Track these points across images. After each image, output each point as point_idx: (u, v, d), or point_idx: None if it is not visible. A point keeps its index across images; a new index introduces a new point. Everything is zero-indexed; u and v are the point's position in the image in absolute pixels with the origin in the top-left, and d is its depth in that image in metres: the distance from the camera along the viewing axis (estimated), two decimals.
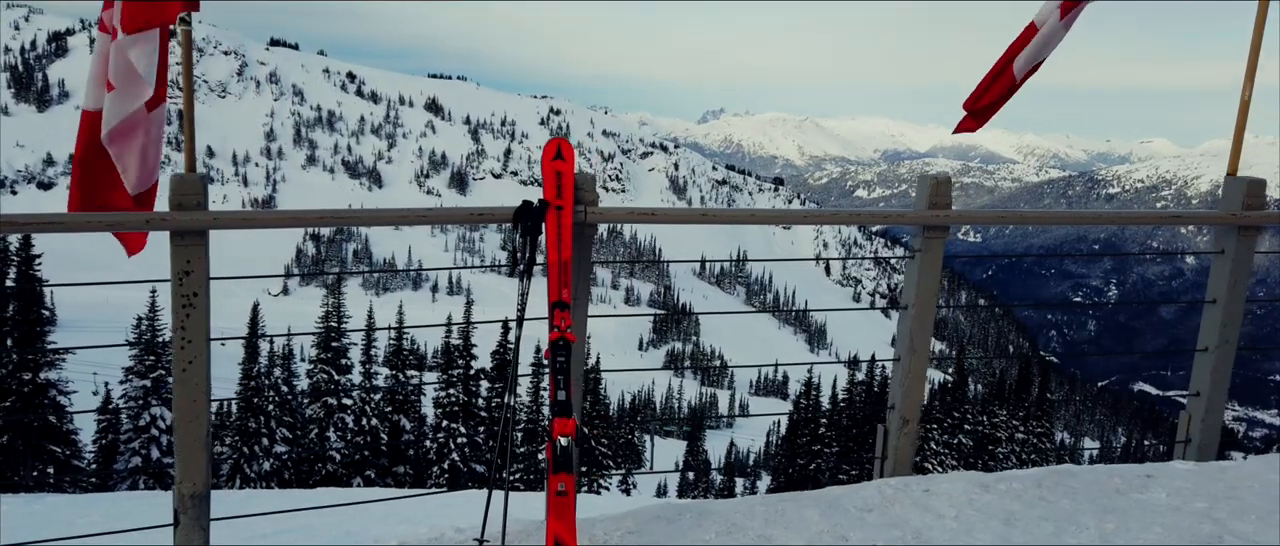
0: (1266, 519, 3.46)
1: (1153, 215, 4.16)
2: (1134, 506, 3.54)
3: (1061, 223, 4.23)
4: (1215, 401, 4.20)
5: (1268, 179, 20.59)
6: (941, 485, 3.72)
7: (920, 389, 3.96)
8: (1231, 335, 4.15)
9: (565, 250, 3.23)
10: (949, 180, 3.79)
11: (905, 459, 4.00)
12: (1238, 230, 4.04)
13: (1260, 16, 4.10)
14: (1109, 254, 70.46)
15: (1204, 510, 3.51)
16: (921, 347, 3.92)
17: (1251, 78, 4.11)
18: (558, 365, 3.02)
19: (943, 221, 3.73)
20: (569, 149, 3.38)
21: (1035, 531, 3.33)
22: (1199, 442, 4.20)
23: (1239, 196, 4.00)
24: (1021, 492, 3.64)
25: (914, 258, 3.84)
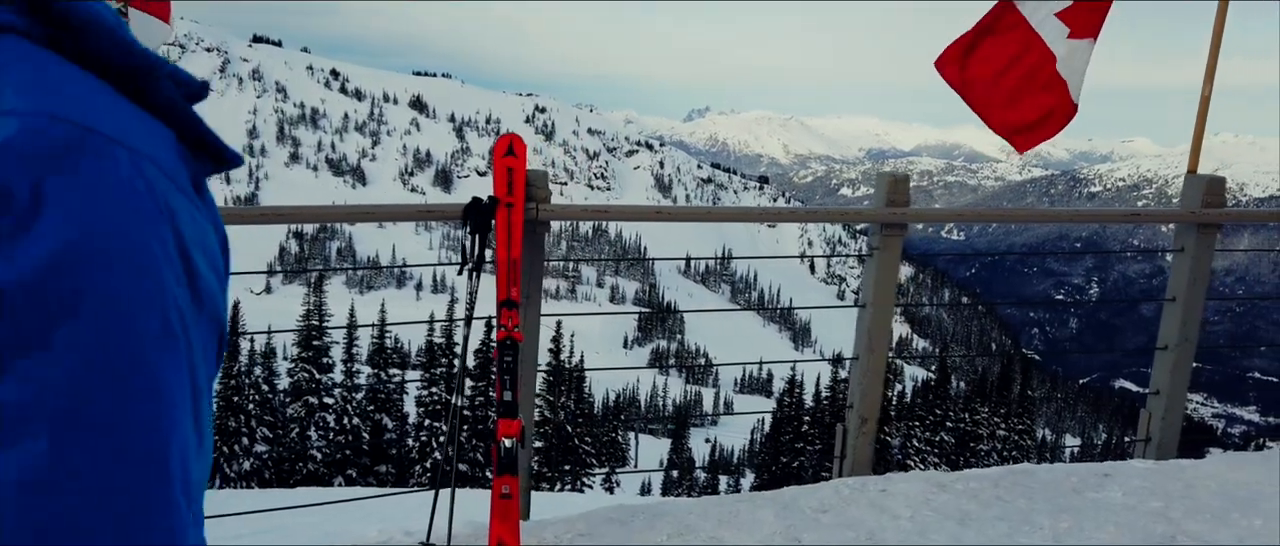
0: (1220, 518, 3.45)
1: (1112, 213, 4.15)
2: (1089, 505, 3.53)
3: (1020, 220, 4.22)
4: (1175, 399, 4.19)
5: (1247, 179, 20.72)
6: (898, 485, 3.70)
7: (878, 387, 3.94)
8: (1191, 332, 4.14)
9: (515, 248, 3.18)
10: (907, 178, 3.76)
11: (864, 458, 3.98)
12: (1197, 227, 4.04)
13: (1219, 17, 4.10)
14: (1090, 252, 71.17)
15: (1159, 509, 3.50)
16: (879, 346, 3.89)
17: (1211, 76, 4.11)
18: (505, 365, 2.97)
19: (900, 219, 3.71)
20: (521, 145, 3.34)
21: (989, 531, 3.31)
22: (1159, 441, 4.19)
23: (1199, 194, 4.00)
24: (978, 492, 3.62)
25: (872, 256, 3.81)
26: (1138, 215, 4.21)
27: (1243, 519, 3.43)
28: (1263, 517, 3.45)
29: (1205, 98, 4.07)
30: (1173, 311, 4.12)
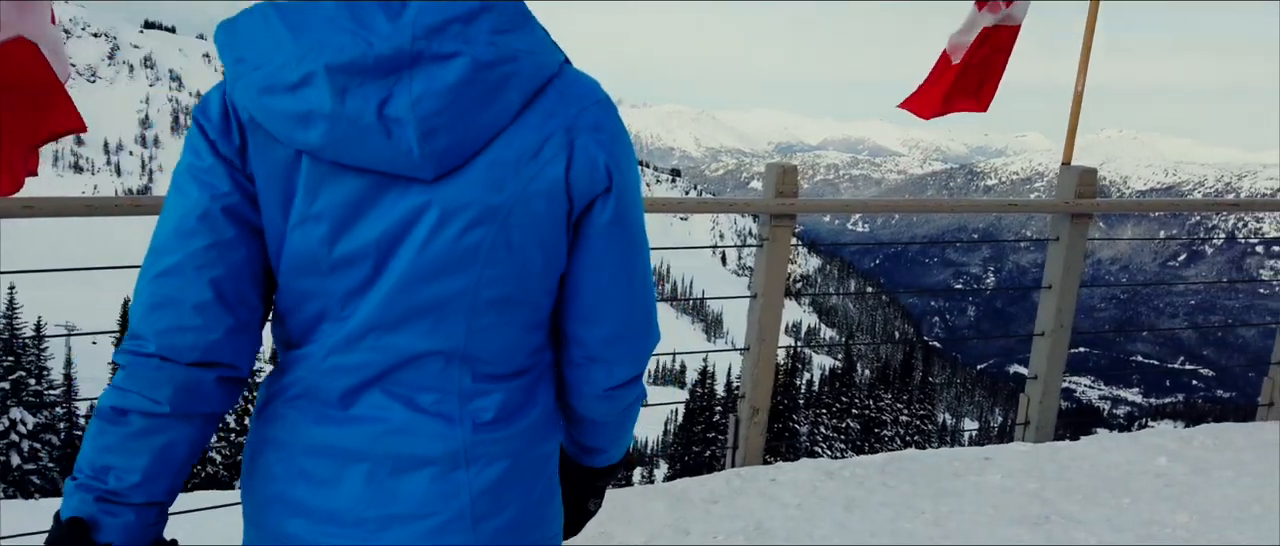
0: (1092, 498, 3.58)
1: (989, 203, 4.27)
2: (970, 488, 3.62)
3: (903, 210, 4.31)
4: (1052, 384, 4.34)
5: (1131, 173, 21.78)
6: (788, 473, 3.72)
7: (769, 378, 3.96)
8: (1067, 319, 4.29)
9: None
10: (795, 169, 3.78)
11: (756, 448, 4.00)
12: (1070, 217, 4.18)
13: (1090, 19, 4.25)
14: (987, 242, 74.77)
15: (1035, 490, 3.61)
16: (770, 336, 3.91)
17: (1083, 73, 4.26)
18: None
19: (789, 209, 3.73)
20: None
21: (874, 517, 3.36)
22: (1037, 424, 4.33)
23: (1072, 185, 4.14)
24: (864, 478, 3.67)
25: (762, 246, 3.83)
26: (1014, 205, 4.34)
27: (1112, 498, 3.57)
28: (1130, 496, 3.59)
29: (1078, 94, 4.22)
30: (1049, 299, 4.26)
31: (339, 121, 0.97)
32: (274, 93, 0.98)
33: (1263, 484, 3.73)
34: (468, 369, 1.08)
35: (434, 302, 1.04)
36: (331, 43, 0.96)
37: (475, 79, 0.98)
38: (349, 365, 1.06)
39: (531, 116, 1.03)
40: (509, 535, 1.11)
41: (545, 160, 1.03)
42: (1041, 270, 4.39)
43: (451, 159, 1.00)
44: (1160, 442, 4.18)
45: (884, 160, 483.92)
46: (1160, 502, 3.54)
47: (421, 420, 1.07)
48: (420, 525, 1.07)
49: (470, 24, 0.99)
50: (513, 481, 1.11)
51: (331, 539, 1.08)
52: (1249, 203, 5.21)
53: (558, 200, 1.04)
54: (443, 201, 1.01)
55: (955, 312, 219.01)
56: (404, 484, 1.07)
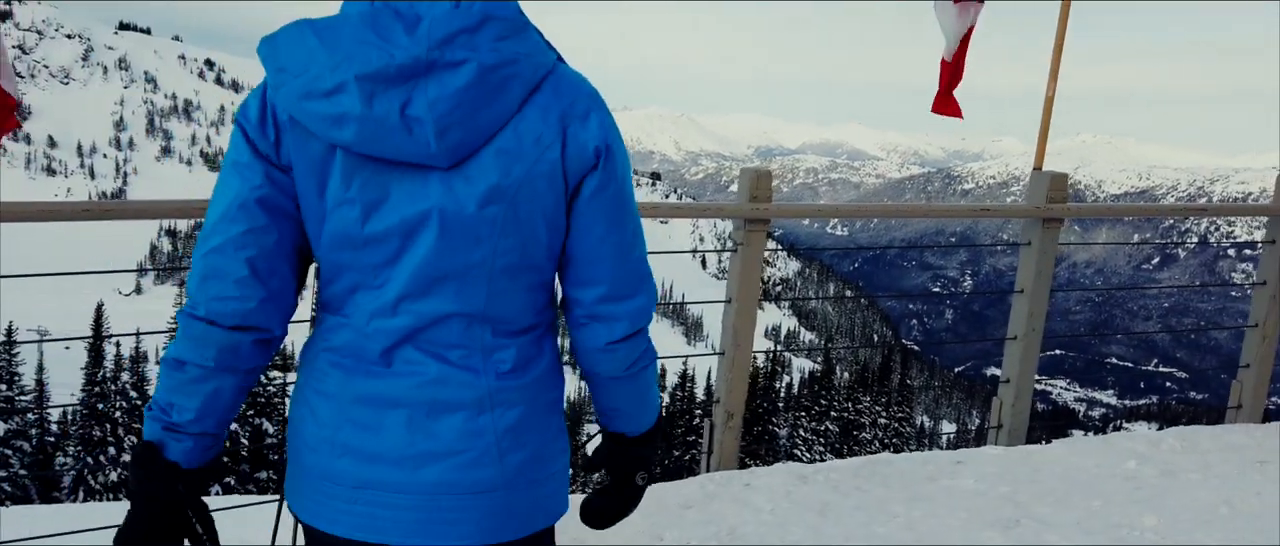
0: (1063, 500, 3.61)
1: (963, 209, 4.30)
2: (942, 493, 3.63)
3: (878, 214, 4.33)
4: (1024, 387, 4.37)
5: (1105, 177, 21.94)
6: (762, 478, 3.73)
7: (744, 382, 3.96)
8: (1038, 323, 4.32)
9: None
10: (769, 174, 3.79)
11: (731, 452, 4.00)
12: (1042, 222, 4.21)
13: (1061, 25, 4.29)
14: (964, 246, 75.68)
15: (1007, 494, 3.63)
16: (745, 341, 3.91)
17: (1054, 78, 4.30)
18: None
19: (762, 214, 3.73)
20: None
21: (847, 521, 3.37)
22: (1010, 427, 4.36)
23: (1043, 190, 4.17)
24: (838, 483, 3.68)
25: (736, 251, 3.83)
26: (986, 210, 4.37)
27: (1083, 501, 3.59)
28: (1101, 499, 3.62)
29: (1049, 99, 4.26)
30: (1021, 303, 4.29)
31: (368, 122, 1.16)
32: (312, 98, 1.17)
33: (1229, 486, 3.78)
34: (487, 327, 1.28)
35: (457, 271, 1.24)
36: (359, 55, 1.15)
37: (481, 81, 1.17)
38: (387, 328, 1.26)
39: (531, 110, 1.22)
40: (528, 468, 1.31)
41: (544, 146, 1.22)
42: (1017, 273, 4.43)
43: (464, 150, 1.19)
44: (1130, 445, 4.22)
45: (862, 164, 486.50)
46: (1130, 505, 3.57)
47: (451, 372, 1.27)
48: (454, 461, 1.27)
49: (476, 33, 1.18)
50: (529, 422, 1.31)
51: (377, 474, 1.27)
52: (1218, 208, 5.28)
53: (556, 179, 1.24)
54: (458, 186, 1.21)
55: (933, 315, 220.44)
56: (439, 426, 1.27)
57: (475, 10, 1.18)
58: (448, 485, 1.27)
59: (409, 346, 1.26)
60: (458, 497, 1.28)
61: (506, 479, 1.29)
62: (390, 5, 1.18)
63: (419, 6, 1.18)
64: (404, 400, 1.26)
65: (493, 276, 1.25)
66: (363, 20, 1.18)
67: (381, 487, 1.27)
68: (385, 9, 1.18)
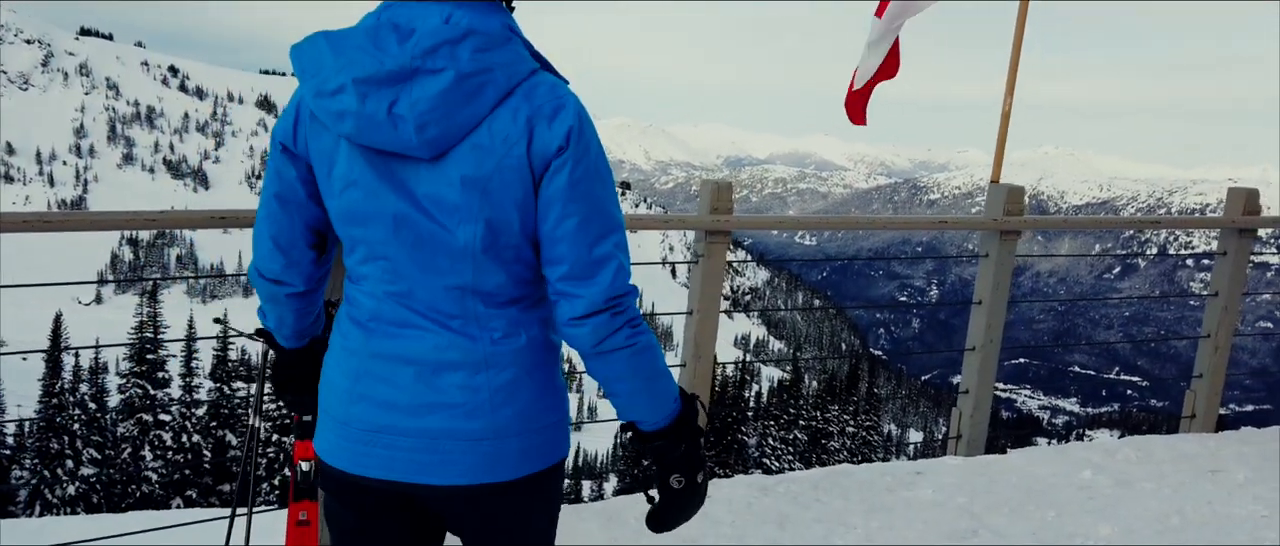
0: (1019, 511, 3.64)
1: (922, 220, 4.34)
2: (901, 504, 3.65)
3: (836, 227, 4.36)
4: (982, 397, 4.40)
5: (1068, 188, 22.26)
6: (723, 490, 3.72)
7: (706, 394, 3.95)
8: (996, 334, 4.36)
9: None
10: (730, 185, 3.80)
11: None
12: (999, 234, 4.26)
13: (1016, 43, 4.35)
14: (930, 257, 76.13)
15: (964, 505, 3.66)
16: (706, 352, 3.91)
17: (1011, 93, 4.36)
18: None
19: (723, 226, 3.74)
20: None
21: (806, 534, 3.37)
22: (969, 438, 4.39)
23: (1000, 203, 4.21)
24: (798, 494, 3.69)
25: (697, 262, 3.83)
26: (944, 222, 4.42)
27: (1038, 511, 3.63)
28: (1056, 509, 3.66)
29: (1005, 113, 4.31)
30: (979, 314, 4.33)
31: (361, 118, 1.39)
32: (322, 95, 1.41)
33: (1182, 495, 3.84)
34: (478, 298, 1.49)
35: (445, 249, 1.45)
36: (357, 61, 1.39)
37: (458, 86, 1.37)
38: (396, 293, 1.50)
39: (503, 112, 1.41)
40: (517, 421, 1.52)
41: (511, 143, 1.40)
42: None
43: (442, 144, 1.40)
44: (1086, 455, 4.27)
45: (830, 174, 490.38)
46: (1084, 515, 3.61)
47: (452, 337, 1.50)
48: (453, 411, 1.50)
49: (457, 46, 1.38)
50: (519, 382, 1.51)
51: (390, 420, 1.50)
52: (1172, 220, 5.37)
53: (523, 172, 1.42)
54: (439, 175, 1.42)
55: (900, 324, 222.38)
56: (442, 382, 1.49)
57: (461, 25, 1.39)
58: (448, 431, 1.49)
59: (416, 313, 1.50)
60: (456, 442, 1.50)
61: (497, 429, 1.50)
62: (391, 20, 1.41)
63: (415, 21, 1.40)
64: (414, 358, 1.49)
65: (475, 254, 1.45)
66: (366, 32, 1.41)
67: (394, 432, 1.50)
68: (386, 23, 1.41)
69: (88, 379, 30.64)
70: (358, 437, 1.52)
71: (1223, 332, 4.96)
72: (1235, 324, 5.02)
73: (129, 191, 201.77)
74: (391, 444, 1.50)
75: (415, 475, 1.50)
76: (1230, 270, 4.91)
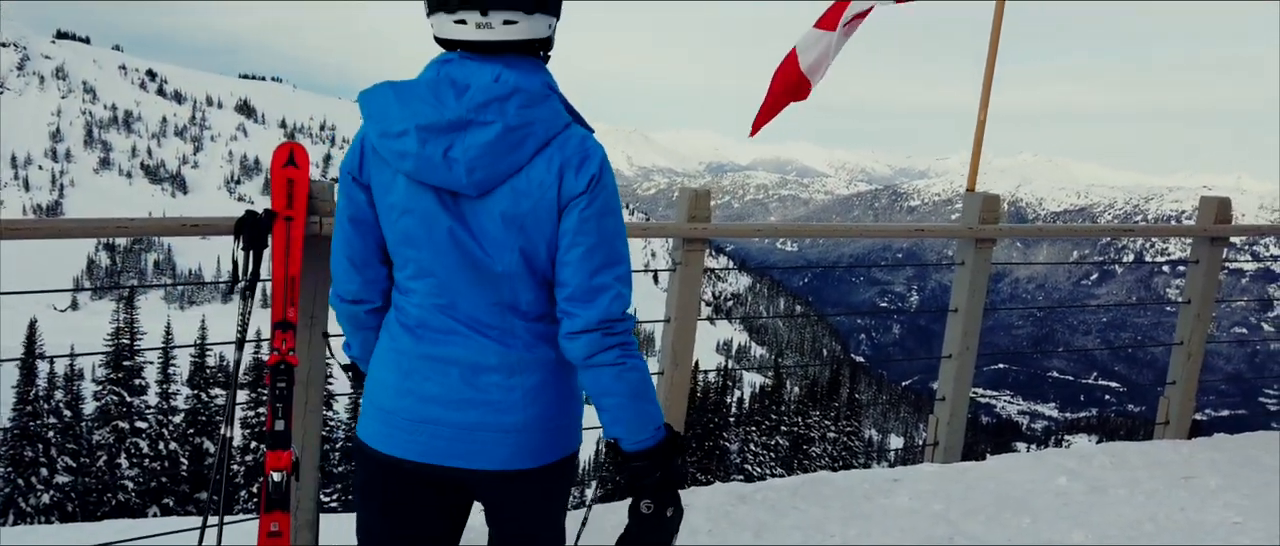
0: (995, 518, 3.66)
1: (898, 229, 4.36)
2: (878, 511, 3.66)
3: (813, 235, 4.37)
4: (959, 405, 4.43)
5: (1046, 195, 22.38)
6: (701, 498, 3.72)
7: (683, 402, 3.95)
8: (972, 342, 4.39)
9: (293, 265, 2.99)
10: (707, 193, 3.80)
11: None
12: (975, 242, 4.29)
13: (991, 53, 4.39)
14: (911, 263, 76.26)
15: (940, 512, 3.68)
16: (684, 361, 3.91)
17: (985, 103, 4.39)
18: (277, 392, 2.77)
19: (701, 234, 3.74)
20: (303, 154, 3.14)
21: (784, 541, 3.38)
22: (945, 445, 4.41)
23: (976, 211, 4.25)
24: (776, 502, 3.69)
25: (675, 270, 3.83)
26: (920, 230, 4.45)
27: (1013, 518, 3.65)
28: (1031, 516, 3.68)
29: (980, 123, 4.35)
30: (955, 322, 4.36)
31: (421, 158, 1.64)
32: (386, 137, 1.68)
33: (1155, 502, 3.87)
34: (512, 313, 1.74)
35: (486, 271, 1.70)
36: (420, 111, 1.64)
37: (504, 138, 1.63)
38: (441, 305, 1.75)
39: (540, 160, 1.66)
40: (543, 418, 1.76)
41: (546, 186, 1.66)
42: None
43: (488, 184, 1.66)
44: (1061, 462, 4.30)
45: (811, 181, 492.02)
46: (1059, 521, 3.64)
47: (490, 344, 1.74)
48: (489, 408, 1.74)
49: (505, 102, 1.64)
50: (546, 384, 1.77)
51: (433, 413, 1.74)
52: (1146, 229, 5.43)
53: (553, 211, 1.68)
54: (482, 210, 1.68)
55: (881, 330, 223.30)
56: (481, 381, 1.74)
57: (508, 84, 1.64)
58: (485, 424, 1.74)
59: (459, 322, 1.74)
60: (490, 433, 1.74)
61: (526, 424, 1.75)
62: (449, 76, 1.67)
63: (470, 78, 1.65)
64: (457, 360, 1.74)
65: (512, 277, 1.70)
66: (428, 86, 1.67)
67: (436, 423, 1.74)
68: (445, 79, 1.66)
69: (63, 386, 30.27)
70: (402, 426, 1.76)
71: (1195, 339, 5.01)
72: (1208, 331, 5.08)
73: (106, 196, 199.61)
74: (434, 433, 1.74)
75: (452, 460, 1.75)
76: (1202, 278, 4.97)
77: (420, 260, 1.72)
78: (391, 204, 1.71)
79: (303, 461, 3.11)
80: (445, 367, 1.73)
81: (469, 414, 1.73)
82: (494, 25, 1.64)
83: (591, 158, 1.68)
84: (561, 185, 1.65)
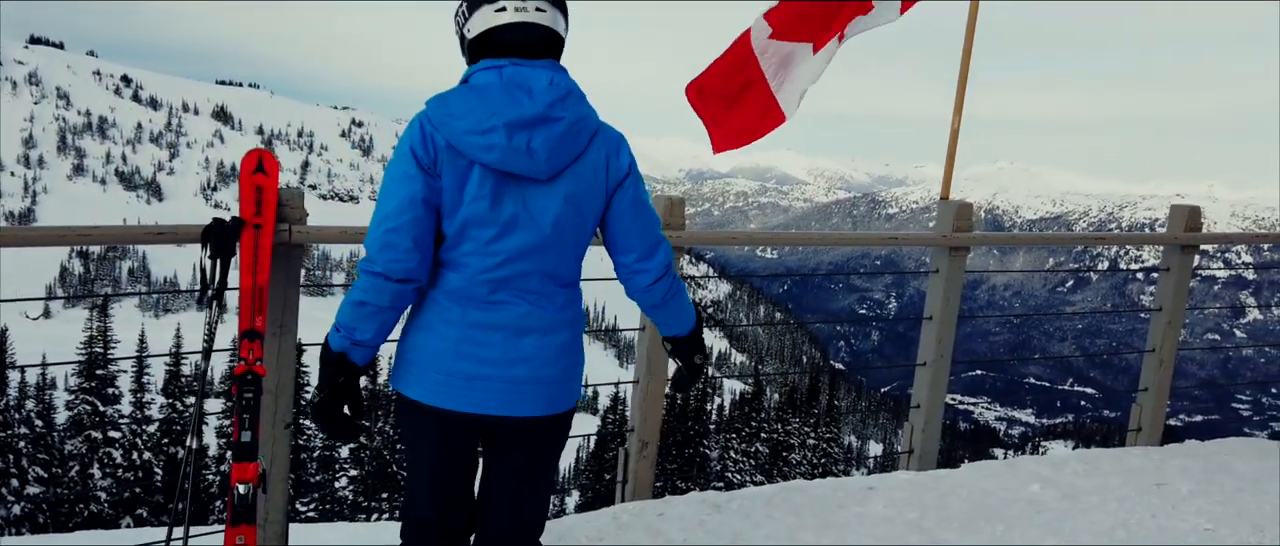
0: (969, 526, 3.66)
1: (873, 237, 4.37)
2: (853, 519, 3.66)
3: (792, 242, 4.38)
4: (934, 412, 4.44)
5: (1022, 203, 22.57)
6: (676, 508, 3.71)
7: (659, 411, 3.94)
8: (947, 349, 4.40)
9: (262, 274, 2.95)
10: (681, 201, 3.80)
11: (645, 482, 3.97)
12: (949, 251, 4.30)
13: (964, 63, 4.41)
14: (889, 271, 76.92)
15: (915, 520, 3.68)
16: (659, 370, 3.90)
17: (959, 112, 4.41)
18: (244, 402, 2.73)
19: (675, 242, 3.73)
20: (272, 161, 3.11)
21: None
22: (921, 452, 4.42)
23: (949, 219, 4.26)
24: (751, 511, 3.68)
25: None
26: (895, 238, 4.46)
27: (987, 526, 3.66)
28: (1004, 524, 3.69)
29: (954, 131, 4.37)
30: (930, 330, 4.37)
31: (508, 150, 1.98)
32: (473, 133, 1.98)
33: (1127, 509, 3.89)
34: (551, 280, 2.11)
35: (541, 244, 2.06)
36: (505, 110, 1.98)
37: (570, 130, 2.02)
38: (492, 279, 2.07)
39: (592, 150, 2.08)
40: (568, 370, 2.17)
41: (597, 171, 2.08)
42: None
43: (556, 169, 2.03)
44: (1035, 469, 4.32)
45: (791, 188, 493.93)
46: (1032, 529, 3.65)
47: (531, 309, 2.10)
48: (531, 364, 2.11)
49: (566, 101, 2.03)
50: (571, 342, 2.17)
51: (485, 371, 2.08)
52: (1118, 237, 5.48)
53: (602, 192, 2.11)
54: (547, 192, 2.04)
55: (860, 337, 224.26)
56: (523, 342, 2.10)
57: (562, 87, 2.03)
58: (528, 378, 2.10)
59: (504, 291, 2.07)
60: (533, 386, 2.11)
61: (558, 376, 2.15)
62: (514, 79, 2.00)
63: (530, 81, 2.00)
64: (502, 325, 2.07)
65: (562, 247, 2.08)
66: (503, 89, 1.99)
67: (488, 379, 2.08)
68: (511, 81, 2.00)
69: (35, 395, 29.83)
70: (458, 385, 2.08)
71: (1167, 347, 5.05)
72: (1179, 338, 5.12)
73: (80, 203, 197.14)
74: (486, 388, 2.08)
75: (501, 409, 2.10)
76: (1173, 286, 5.01)
77: (480, 238, 2.02)
78: (465, 191, 2.00)
79: (271, 473, 3.06)
80: (492, 333, 2.06)
81: (515, 370, 2.08)
82: (529, 9, 2.00)
83: (624, 146, 2.14)
84: (608, 169, 2.08)
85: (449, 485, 2.21)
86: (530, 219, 2.02)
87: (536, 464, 2.22)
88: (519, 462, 2.21)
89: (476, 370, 2.06)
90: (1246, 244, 6.33)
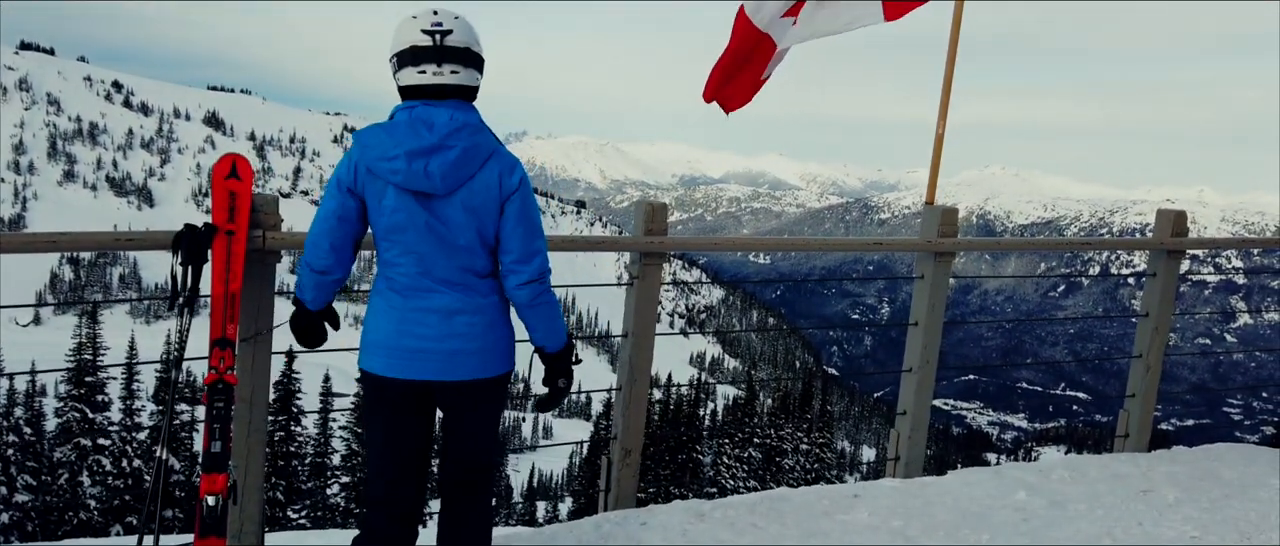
0: (954, 534, 3.63)
1: (859, 242, 4.33)
2: (837, 528, 3.62)
3: (779, 248, 4.34)
4: (920, 418, 4.40)
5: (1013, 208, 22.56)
6: (659, 516, 3.66)
7: (641, 417, 3.90)
8: (932, 355, 4.37)
9: (234, 281, 2.91)
10: (665, 207, 3.76)
11: (629, 490, 3.92)
12: (934, 256, 4.27)
13: (948, 69, 4.39)
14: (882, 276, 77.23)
15: (899, 528, 3.64)
16: (642, 376, 3.86)
17: (943, 117, 4.39)
18: (214, 412, 2.68)
19: (658, 248, 3.70)
20: (246, 167, 3.06)
21: None
22: (907, 459, 4.38)
23: (934, 225, 4.23)
24: (734, 520, 3.64)
25: (632, 285, 3.78)
26: (880, 244, 4.43)
27: (972, 534, 3.62)
28: (990, 531, 3.66)
29: (939, 137, 4.34)
30: (915, 336, 4.34)
31: (409, 173, 2.43)
32: (382, 160, 2.45)
33: (1113, 516, 3.86)
34: (469, 272, 2.54)
35: (452, 246, 2.49)
36: (406, 141, 2.43)
37: (463, 155, 2.45)
38: (420, 273, 2.52)
39: (485, 171, 2.49)
40: (494, 343, 2.61)
41: (490, 187, 2.49)
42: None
43: (452, 187, 2.46)
44: (1021, 476, 4.29)
45: (783, 193, 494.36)
46: (1018, 537, 3.61)
47: (457, 296, 2.55)
48: (461, 339, 2.55)
49: (461, 132, 2.45)
50: (495, 321, 2.60)
51: (424, 345, 2.54)
52: (1106, 242, 5.45)
53: (495, 205, 2.51)
54: (449, 204, 2.47)
55: (853, 342, 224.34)
56: (453, 322, 2.55)
57: (459, 121, 2.45)
58: (458, 351, 2.55)
59: (433, 282, 2.52)
60: (464, 356, 2.56)
61: (483, 347, 2.58)
62: (419, 117, 2.44)
63: (433, 118, 2.44)
64: (437, 309, 2.53)
65: (471, 248, 2.51)
66: (409, 125, 2.44)
67: (428, 352, 2.54)
68: (417, 119, 2.44)
69: (23, 402, 29.64)
70: (402, 357, 2.54)
71: (1154, 352, 5.03)
72: (1167, 343, 5.10)
73: (70, 210, 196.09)
74: (425, 359, 2.54)
75: (438, 375, 2.56)
76: (1160, 291, 4.99)
77: (405, 242, 2.49)
78: (384, 206, 2.47)
79: (244, 484, 3.01)
80: (429, 315, 2.52)
81: (449, 344, 2.53)
82: (444, 73, 2.46)
83: (516, 167, 2.56)
84: (501, 185, 2.50)
85: (399, 454, 2.62)
86: (440, 225, 2.46)
87: (478, 416, 2.66)
88: (464, 415, 2.65)
89: (419, 345, 2.53)
90: (1233, 248, 6.35)
